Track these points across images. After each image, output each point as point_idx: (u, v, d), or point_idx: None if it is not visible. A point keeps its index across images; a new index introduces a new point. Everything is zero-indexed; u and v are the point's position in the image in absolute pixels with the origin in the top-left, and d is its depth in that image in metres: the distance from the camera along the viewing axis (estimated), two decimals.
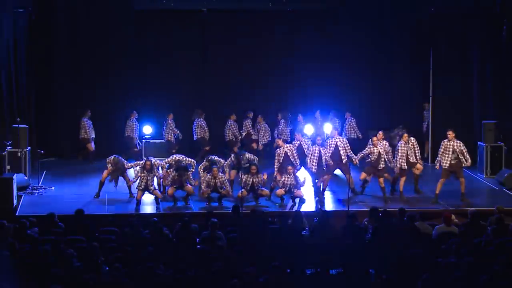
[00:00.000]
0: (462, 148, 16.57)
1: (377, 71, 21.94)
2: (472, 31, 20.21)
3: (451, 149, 16.55)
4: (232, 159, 17.35)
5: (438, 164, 16.76)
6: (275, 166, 16.88)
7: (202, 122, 20.87)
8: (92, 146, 20.74)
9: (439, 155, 16.71)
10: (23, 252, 11.13)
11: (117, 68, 21.33)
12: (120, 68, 21.33)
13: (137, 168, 16.56)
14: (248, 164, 16.81)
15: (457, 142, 16.57)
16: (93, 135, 20.80)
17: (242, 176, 16.44)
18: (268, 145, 20.95)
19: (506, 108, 19.87)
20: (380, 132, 17.12)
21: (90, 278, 9.95)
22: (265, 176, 16.52)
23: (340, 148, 16.92)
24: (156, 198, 16.21)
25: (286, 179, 16.36)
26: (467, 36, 20.31)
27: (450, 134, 16.59)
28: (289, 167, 16.44)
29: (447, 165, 16.55)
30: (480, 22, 20.07)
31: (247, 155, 17.38)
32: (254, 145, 20.93)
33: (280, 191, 16.42)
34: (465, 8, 20.26)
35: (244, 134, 21.10)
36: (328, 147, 17.01)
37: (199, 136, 20.83)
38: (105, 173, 16.85)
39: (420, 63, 21.34)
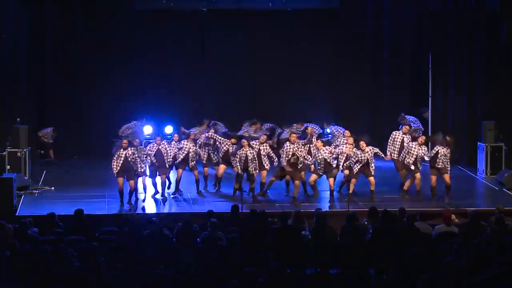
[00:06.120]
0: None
1: (377, 71, 21.95)
2: (472, 31, 20.20)
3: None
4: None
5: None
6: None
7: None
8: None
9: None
10: (23, 252, 11.12)
11: (117, 68, 21.36)
12: (120, 68, 21.36)
13: None
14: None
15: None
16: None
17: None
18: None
19: (506, 108, 19.86)
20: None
21: (90, 278, 9.94)
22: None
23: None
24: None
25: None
26: (467, 36, 20.30)
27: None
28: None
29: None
30: (480, 22, 20.06)
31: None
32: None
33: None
34: (465, 8, 20.26)
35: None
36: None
37: None
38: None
39: (419, 63, 21.34)
